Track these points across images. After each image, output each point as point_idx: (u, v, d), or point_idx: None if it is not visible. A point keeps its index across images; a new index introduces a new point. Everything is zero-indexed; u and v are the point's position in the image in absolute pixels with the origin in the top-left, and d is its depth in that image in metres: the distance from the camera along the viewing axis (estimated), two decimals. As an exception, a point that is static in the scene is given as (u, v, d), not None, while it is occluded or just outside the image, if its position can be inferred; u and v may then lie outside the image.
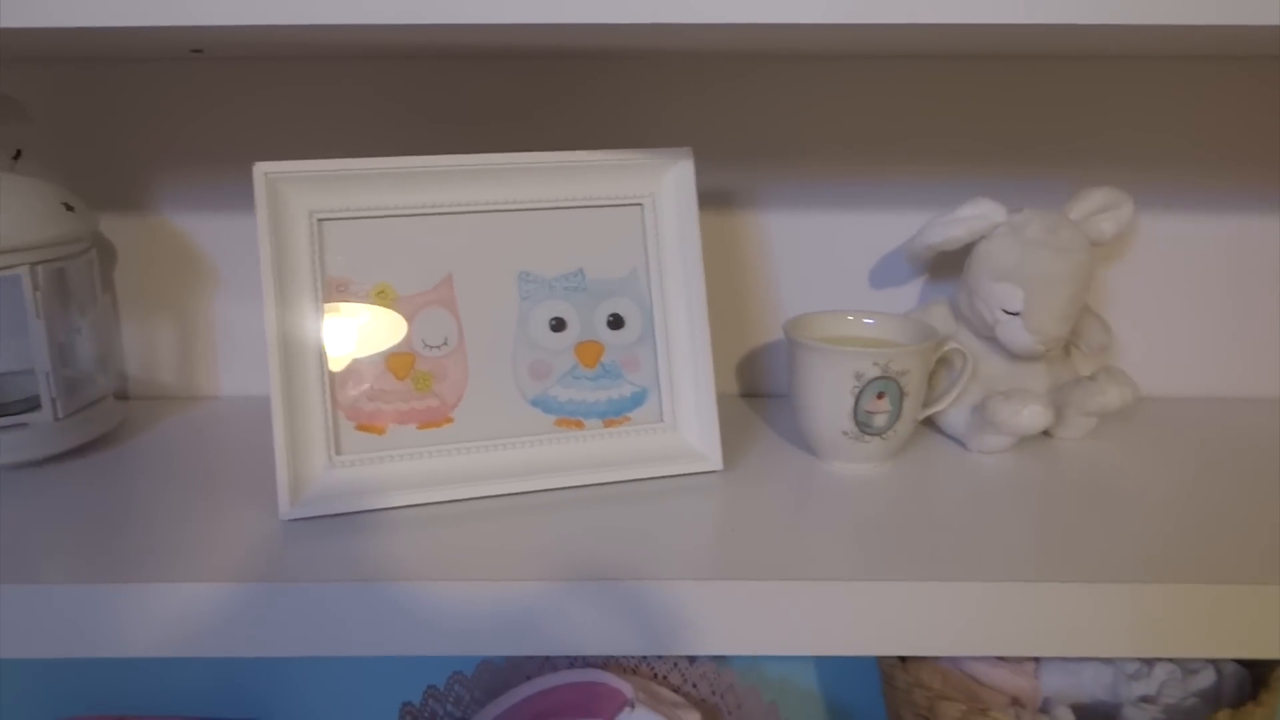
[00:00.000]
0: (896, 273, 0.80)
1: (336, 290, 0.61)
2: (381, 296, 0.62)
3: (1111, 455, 0.71)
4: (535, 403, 0.64)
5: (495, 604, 0.53)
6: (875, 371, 0.63)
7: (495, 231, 0.64)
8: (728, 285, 0.79)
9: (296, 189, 0.60)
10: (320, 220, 0.61)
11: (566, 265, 0.65)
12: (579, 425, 0.65)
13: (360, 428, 0.61)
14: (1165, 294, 0.80)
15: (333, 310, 0.61)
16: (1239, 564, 0.55)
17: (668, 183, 0.66)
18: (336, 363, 0.61)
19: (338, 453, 0.60)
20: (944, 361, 0.72)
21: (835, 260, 0.79)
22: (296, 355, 0.59)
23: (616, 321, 0.66)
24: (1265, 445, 0.73)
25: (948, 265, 0.75)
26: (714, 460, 0.66)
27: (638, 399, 0.66)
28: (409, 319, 0.62)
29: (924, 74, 0.75)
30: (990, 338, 0.70)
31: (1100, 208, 0.70)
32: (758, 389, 0.82)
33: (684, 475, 0.66)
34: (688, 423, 0.67)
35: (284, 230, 0.60)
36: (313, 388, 0.59)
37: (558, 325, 0.65)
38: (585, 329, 0.65)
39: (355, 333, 0.61)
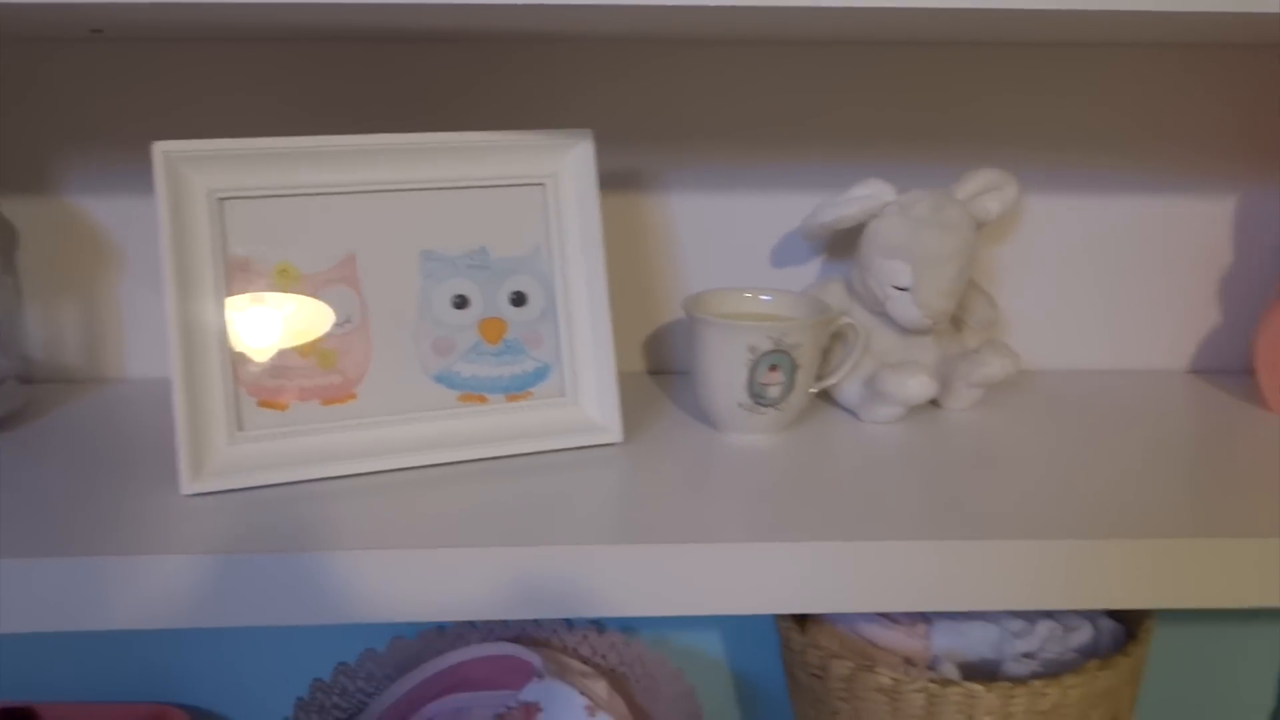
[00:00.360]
0: (796, 252, 0.82)
1: (238, 269, 0.61)
2: (283, 275, 0.62)
3: (996, 424, 0.74)
4: (439, 379, 0.66)
5: (401, 572, 0.54)
6: (768, 345, 0.66)
7: (398, 211, 0.65)
8: (633, 265, 0.81)
9: (196, 168, 0.60)
10: (221, 199, 0.61)
11: (469, 244, 0.66)
12: (482, 400, 0.67)
13: (263, 404, 0.62)
14: (1049, 271, 0.84)
15: (234, 289, 0.61)
16: (1112, 521, 0.58)
17: (569, 163, 0.68)
18: (238, 340, 0.61)
19: (240, 429, 0.61)
20: (838, 336, 0.75)
21: (737, 240, 0.82)
22: (197, 333, 0.60)
23: (519, 299, 0.67)
24: (1136, 412, 0.77)
25: (844, 244, 0.78)
26: (614, 433, 0.68)
27: (540, 374, 0.68)
28: (311, 297, 0.63)
29: (823, 60, 0.78)
30: (882, 313, 0.73)
31: (985, 188, 0.73)
32: (663, 366, 0.84)
33: (585, 448, 0.67)
34: (588, 397, 0.68)
35: (184, 210, 0.60)
36: (214, 364, 0.60)
37: (460, 303, 0.66)
38: (488, 306, 0.67)
39: (257, 311, 0.62)
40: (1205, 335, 0.86)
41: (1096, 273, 0.84)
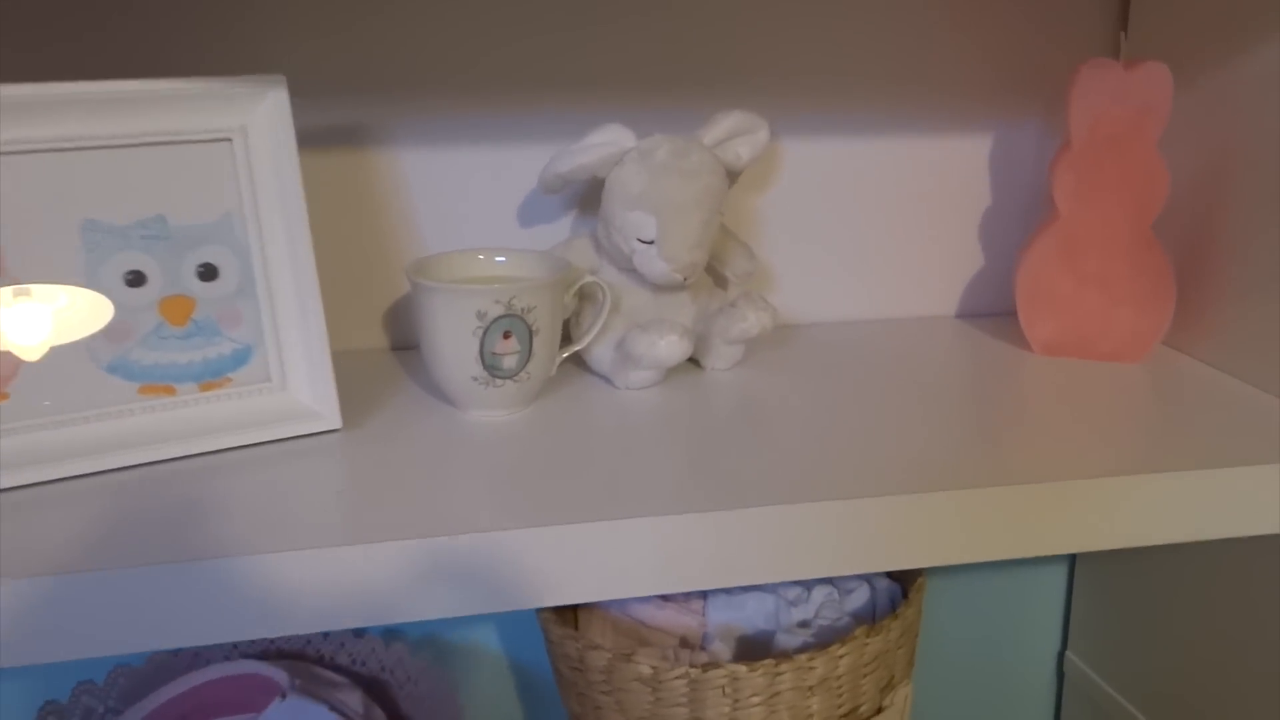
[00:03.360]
0: (544, 209, 0.76)
1: None
2: (-100, 256, 0.52)
3: (760, 382, 0.70)
4: (113, 369, 0.56)
5: (91, 597, 0.45)
6: (498, 310, 0.59)
7: (49, 174, 0.55)
8: (361, 229, 0.73)
9: None
10: None
11: (143, 211, 0.57)
12: (169, 391, 0.58)
13: (-121, 413, 0.51)
14: (808, 220, 0.80)
15: None
16: (883, 478, 0.54)
17: (260, 115, 0.59)
18: None
19: None
20: (587, 297, 0.69)
21: (479, 199, 0.75)
22: None
23: (209, 272, 0.59)
24: (903, 362, 0.74)
25: (594, 198, 0.72)
26: (331, 419, 0.60)
27: (240, 357, 0.59)
28: (-62, 281, 0.53)
29: (556, 1, 0.72)
30: (632, 270, 0.68)
31: (734, 132, 0.68)
32: (405, 340, 0.77)
33: (298, 438, 0.60)
34: (298, 380, 0.60)
35: None
36: None
37: (135, 279, 0.57)
38: (170, 282, 0.58)
39: None
40: (969, 279, 0.85)
41: (857, 219, 0.81)
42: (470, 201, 0.74)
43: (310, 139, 0.70)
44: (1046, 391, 0.68)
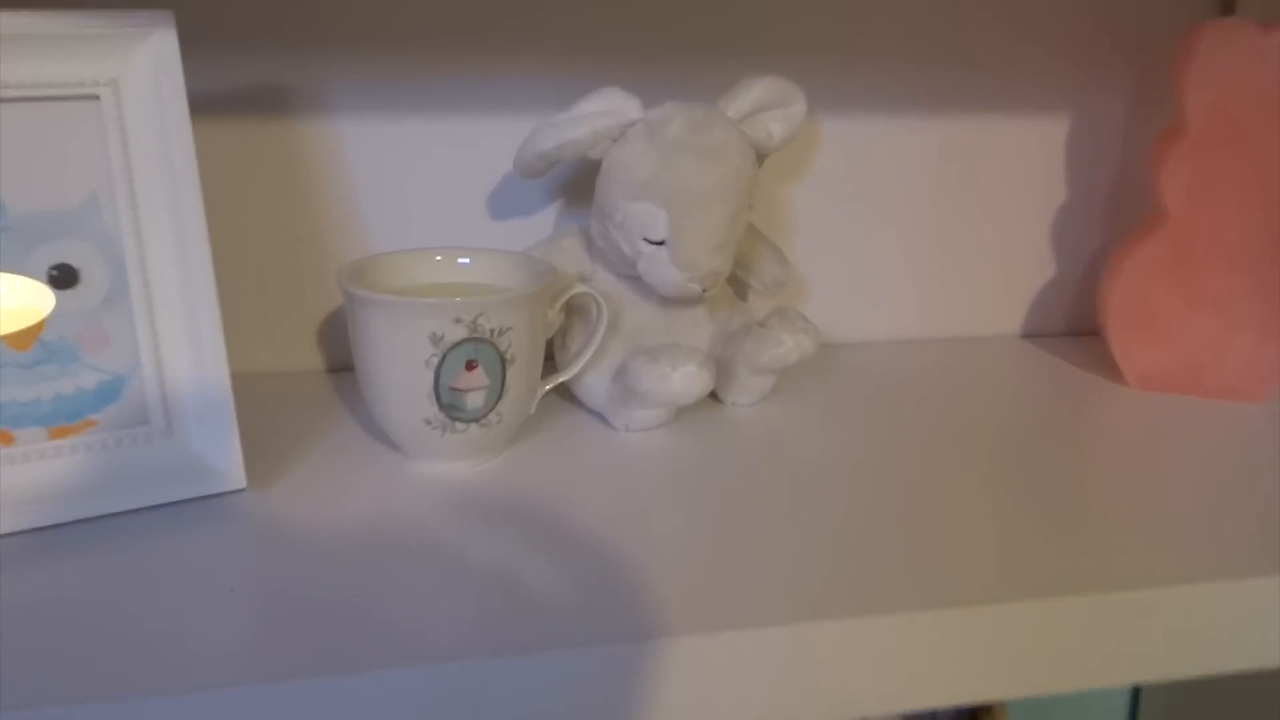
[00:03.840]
0: (520, 199, 0.61)
1: None
2: None
3: (792, 422, 0.55)
4: (-78, 410, 0.41)
5: None
6: (460, 332, 0.44)
7: None
8: (283, 222, 0.58)
9: None
10: None
11: (-30, 192, 0.41)
12: (5, 439, 0.42)
13: None
14: (848, 217, 0.65)
15: None
16: (950, 574, 0.39)
17: (139, 64, 0.44)
18: None
19: None
20: (577, 311, 0.54)
21: (436, 184, 0.59)
22: None
23: (65, 276, 0.43)
24: (963, 400, 0.59)
25: (587, 185, 0.57)
26: (231, 476, 0.45)
27: (107, 393, 0.44)
28: None
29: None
30: (635, 278, 0.53)
31: (763, 103, 0.53)
32: (344, 360, 0.61)
33: (187, 502, 0.44)
34: (188, 424, 0.45)
35: None
36: None
37: (-43, 286, 0.41)
38: (9, 290, 0.42)
39: None
40: (1038, 292, 0.70)
41: (905, 217, 0.66)
42: (425, 188, 0.59)
43: (213, 104, 0.55)
44: (1146, 441, 0.53)
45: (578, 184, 0.60)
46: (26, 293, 0.43)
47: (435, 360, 0.44)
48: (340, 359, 0.61)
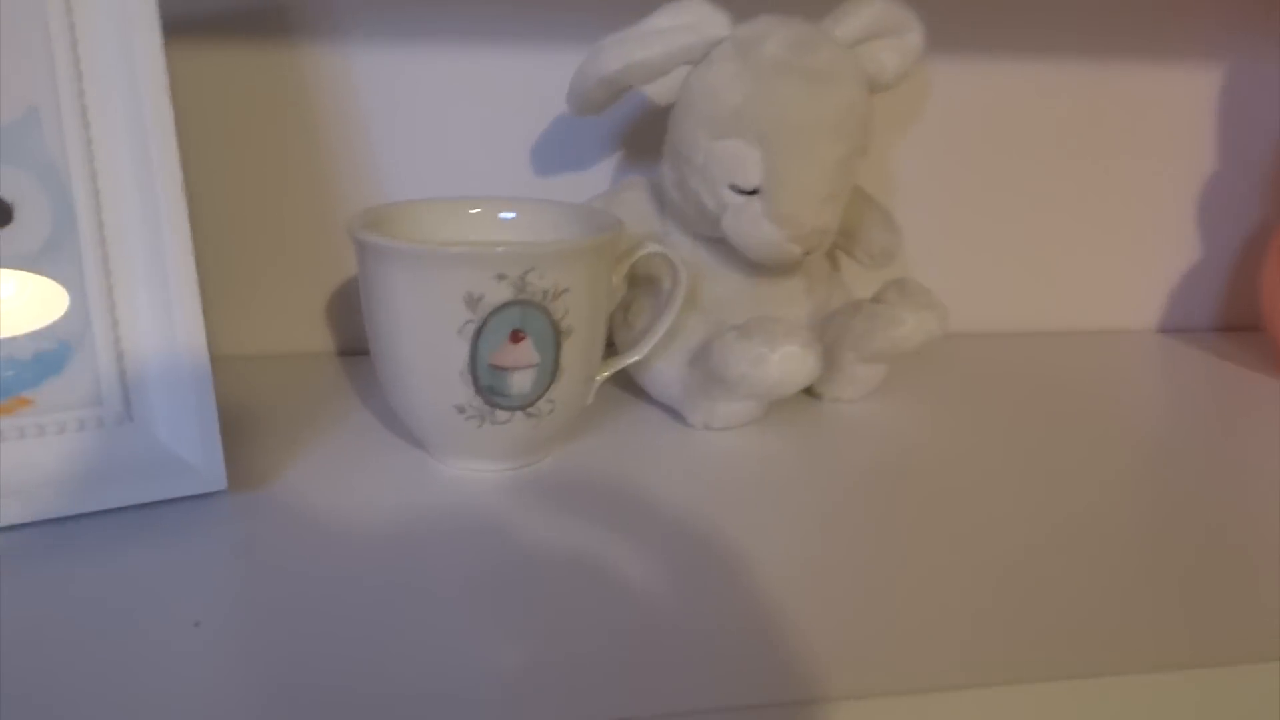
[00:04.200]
0: (573, 146, 0.50)
1: None
2: None
3: (911, 423, 0.44)
4: None
5: None
6: (504, 292, 0.34)
7: None
8: (285, 170, 0.48)
9: None
10: None
11: (-126, 100, 0.32)
12: (-91, 422, 0.32)
13: None
14: (964, 183, 0.55)
15: None
16: (1111, 637, 0.29)
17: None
18: None
19: None
20: (644, 282, 0.43)
21: (469, 127, 0.49)
22: None
23: (-4, 213, 0.33)
24: (1106, 391, 0.48)
25: (655, 128, 0.47)
26: (211, 475, 0.34)
27: (47, 365, 0.34)
28: None
29: None
30: (717, 239, 0.42)
31: (873, 29, 0.43)
32: (357, 342, 0.51)
33: (149, 507, 0.34)
34: (153, 406, 0.35)
35: None
36: None
37: None
38: (-80, 227, 0.32)
39: None
40: (1180, 279, 0.59)
41: (1027, 183, 0.56)
42: (455, 131, 0.49)
43: (200, 23, 0.45)
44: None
45: (643, 129, 0.50)
46: (-58, 231, 0.33)
47: (472, 329, 0.34)
48: (353, 340, 0.51)
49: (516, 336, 0.35)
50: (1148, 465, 0.41)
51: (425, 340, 0.35)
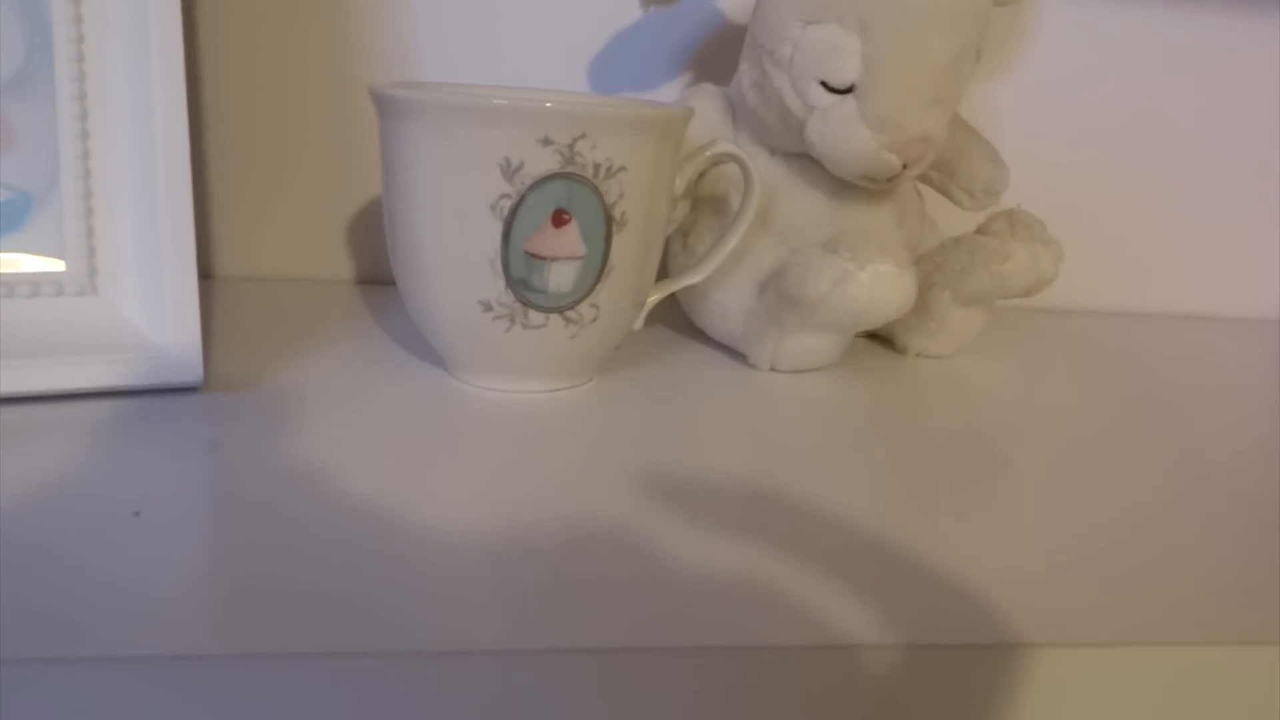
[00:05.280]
0: (636, 50, 0.45)
1: None
2: None
3: (1007, 382, 0.38)
4: None
5: None
6: (549, 161, 0.28)
7: None
8: (308, 48, 0.42)
9: None
10: None
11: None
12: None
13: None
14: (1071, 139, 0.48)
15: None
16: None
17: None
18: None
19: None
20: (708, 203, 0.38)
21: (522, 23, 0.43)
22: None
23: (-43, 33, 0.28)
24: (1229, 377, 0.42)
25: (731, 40, 0.41)
26: (185, 364, 0.29)
27: (7, 217, 0.29)
28: None
29: None
30: (798, 154, 0.36)
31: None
32: (382, 270, 0.45)
33: (108, 395, 0.28)
34: (124, 277, 0.29)
35: None
36: None
37: None
38: None
39: None
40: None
41: (1141, 144, 0.49)
42: (506, 25, 0.43)
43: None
44: None
45: (717, 44, 0.44)
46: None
47: (507, 205, 0.28)
48: (376, 268, 0.45)
49: (560, 219, 0.29)
50: (1260, 445, 0.34)
51: (450, 218, 0.29)
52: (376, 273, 0.45)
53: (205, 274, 0.43)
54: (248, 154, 0.43)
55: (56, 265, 0.29)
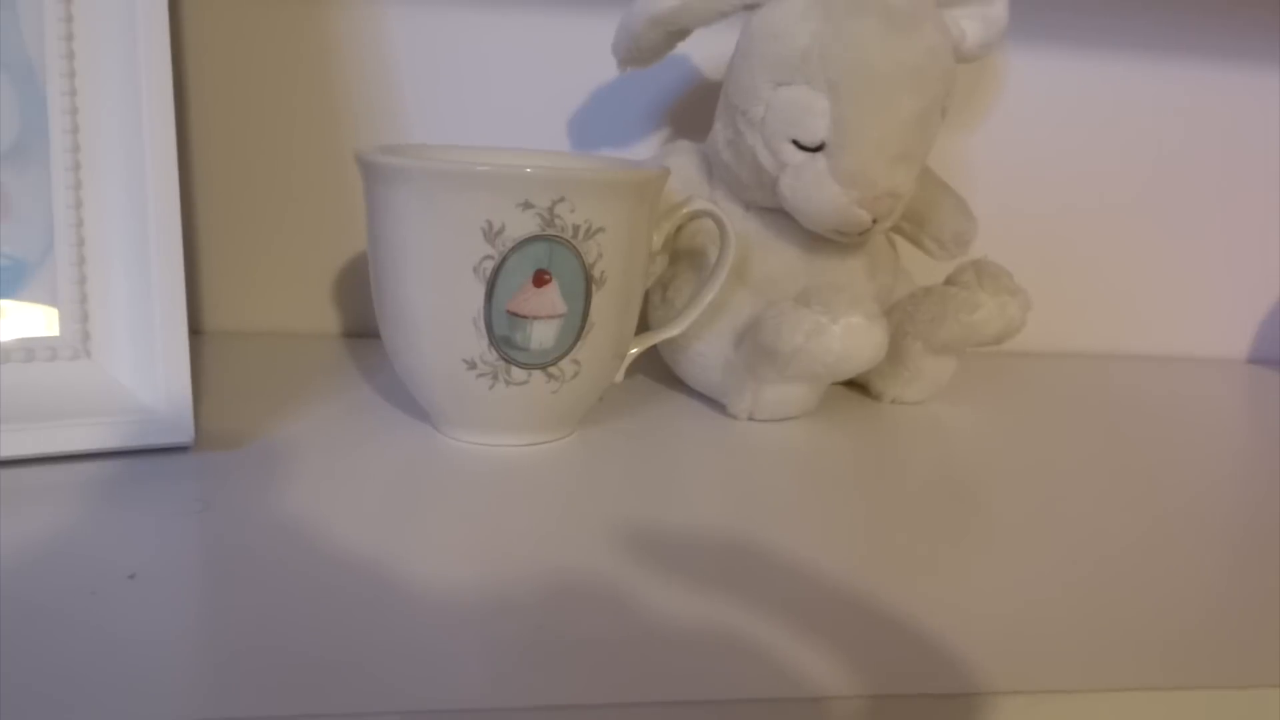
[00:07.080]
0: (614, 110, 0.46)
1: None
2: None
3: (980, 428, 0.39)
4: None
5: None
6: (529, 224, 0.29)
7: None
8: (317, 118, 0.44)
9: None
10: None
11: None
12: None
13: None
14: (1041, 186, 0.50)
15: None
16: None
17: None
18: None
19: None
20: (686, 256, 0.39)
21: (501, 82, 0.45)
22: None
23: (-45, 107, 0.29)
24: (1195, 417, 0.43)
25: (706, 97, 0.43)
26: (177, 425, 0.29)
27: (2, 284, 0.29)
28: None
29: None
30: (772, 209, 0.38)
31: (957, -8, 0.39)
32: (367, 323, 0.46)
33: (100, 456, 0.29)
34: (116, 341, 0.30)
35: None
36: None
37: None
38: None
39: None
40: (1273, 309, 0.54)
41: (1109, 192, 0.51)
42: (488, 91, 0.45)
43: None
44: None
45: (693, 101, 0.46)
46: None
47: (490, 266, 0.29)
48: (361, 321, 0.46)
49: (541, 279, 0.30)
50: (1227, 485, 0.35)
51: (434, 279, 0.30)
52: (362, 326, 0.46)
53: (194, 329, 0.44)
54: (236, 210, 0.44)
55: (50, 330, 0.30)
